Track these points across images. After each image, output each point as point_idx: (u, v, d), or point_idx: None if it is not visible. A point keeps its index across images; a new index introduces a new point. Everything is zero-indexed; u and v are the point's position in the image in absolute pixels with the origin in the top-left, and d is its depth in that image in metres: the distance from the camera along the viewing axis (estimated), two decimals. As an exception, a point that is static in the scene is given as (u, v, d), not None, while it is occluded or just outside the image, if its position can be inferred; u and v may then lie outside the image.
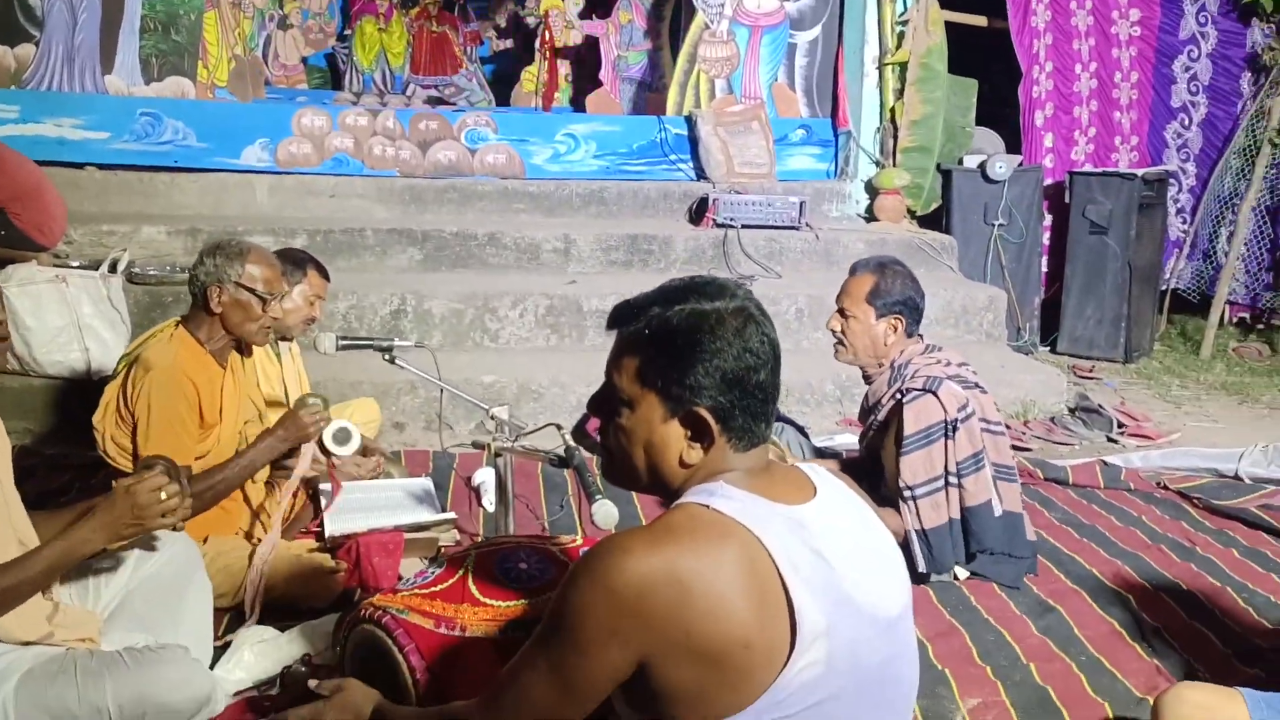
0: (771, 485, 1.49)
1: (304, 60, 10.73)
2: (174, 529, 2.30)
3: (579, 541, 2.23)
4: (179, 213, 5.91)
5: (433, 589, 1.97)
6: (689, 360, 1.46)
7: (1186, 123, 7.10)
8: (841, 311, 3.30)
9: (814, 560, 1.43)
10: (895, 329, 3.24)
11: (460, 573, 1.99)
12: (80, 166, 6.01)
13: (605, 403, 1.55)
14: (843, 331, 3.29)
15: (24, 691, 2.11)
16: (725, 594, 1.35)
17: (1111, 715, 2.46)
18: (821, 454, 3.90)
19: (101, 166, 6.06)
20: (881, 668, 1.49)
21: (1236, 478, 4.14)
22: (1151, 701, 2.27)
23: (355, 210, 6.17)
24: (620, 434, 1.53)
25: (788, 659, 1.37)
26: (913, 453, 3.11)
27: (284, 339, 3.64)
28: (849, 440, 4.43)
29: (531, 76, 9.72)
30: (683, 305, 1.49)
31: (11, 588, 2.05)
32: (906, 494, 3.12)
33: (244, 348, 3.13)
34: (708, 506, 1.42)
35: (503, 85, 10.60)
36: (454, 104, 9.96)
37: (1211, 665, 2.69)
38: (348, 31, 10.92)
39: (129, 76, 6.41)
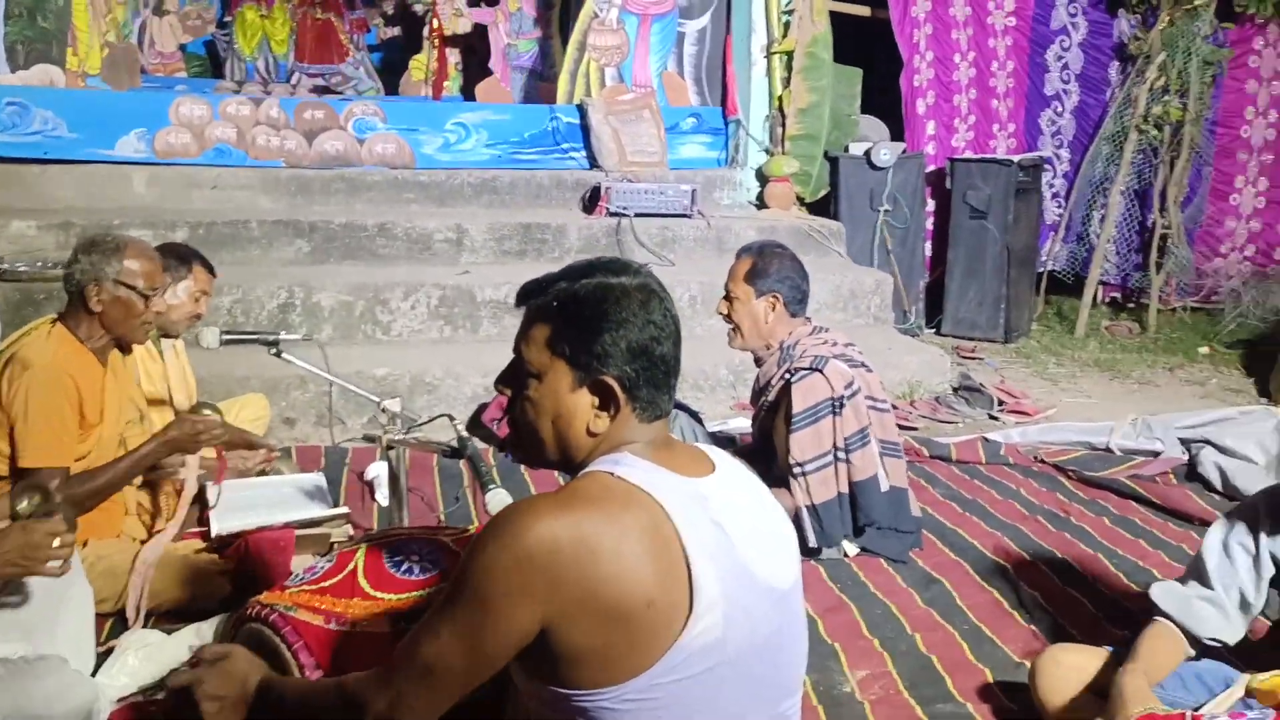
0: (673, 458, 1.54)
1: (182, 48, 10.38)
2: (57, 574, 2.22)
3: (473, 531, 2.23)
4: (50, 206, 5.67)
5: (322, 584, 1.94)
6: (596, 329, 1.51)
7: (1060, 110, 7.38)
8: (727, 294, 3.36)
9: (713, 530, 1.47)
10: (774, 307, 3.31)
11: (350, 567, 1.97)
12: (-59, 159, 5.73)
13: (514, 378, 1.59)
14: (729, 314, 3.36)
15: (-107, 707, 2.02)
16: (629, 555, 1.39)
17: (991, 679, 2.57)
18: (715, 439, 3.96)
19: (-36, 158, 5.79)
20: (773, 637, 1.55)
21: (1108, 450, 4.33)
22: (1029, 665, 2.38)
23: (239, 202, 6.00)
24: (529, 406, 1.56)
25: (685, 623, 1.41)
26: (802, 430, 3.19)
27: (168, 336, 3.54)
28: (743, 425, 4.50)
29: (420, 65, 9.60)
30: (589, 279, 1.55)
31: None
32: (797, 470, 3.20)
33: (124, 346, 3.02)
34: (613, 474, 1.47)
35: (391, 74, 10.43)
36: (341, 93, 9.76)
37: (1083, 628, 2.82)
38: (228, 18, 10.60)
39: (-8, 64, 6.13)
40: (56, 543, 2.00)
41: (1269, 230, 7.63)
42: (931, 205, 6.94)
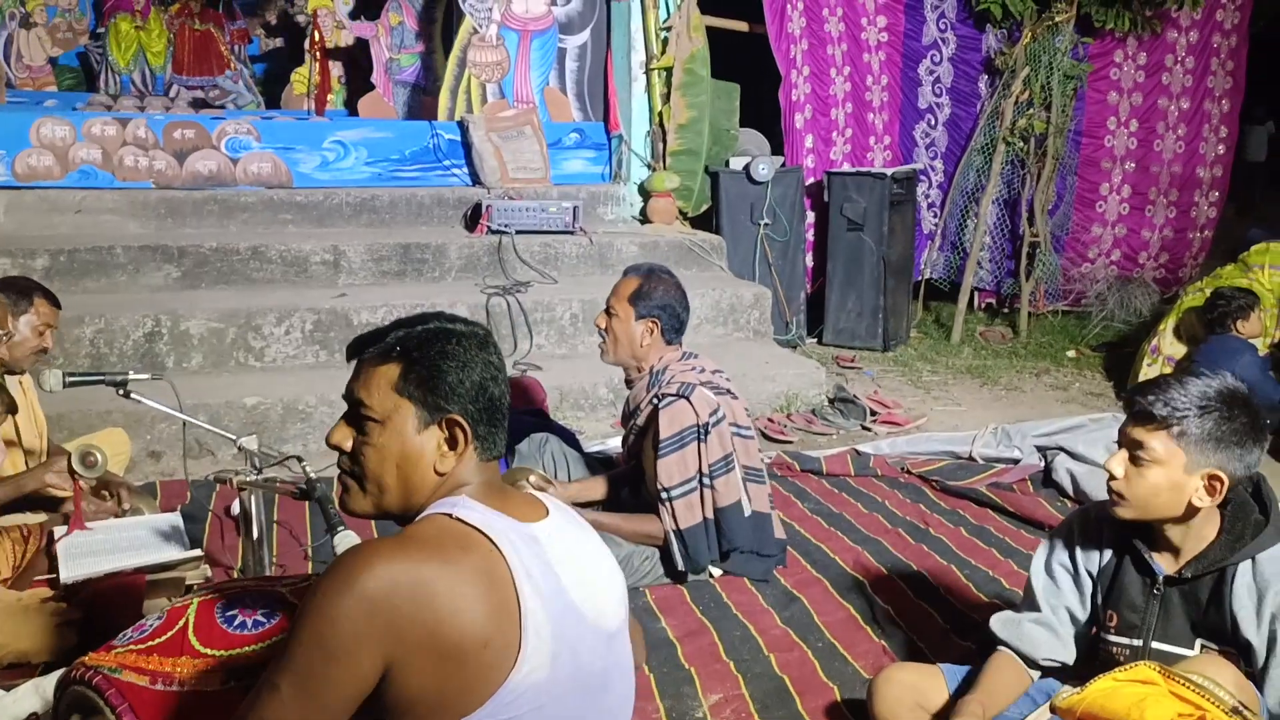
0: (507, 503, 1.58)
1: (52, 61, 10.04)
2: None
3: (312, 579, 2.21)
4: (-97, 234, 5.46)
5: (149, 643, 1.91)
6: (443, 369, 1.56)
7: (933, 123, 7.60)
8: (608, 309, 3.40)
9: (545, 572, 1.52)
10: (651, 331, 3.35)
11: (180, 624, 1.93)
12: None
13: (355, 422, 1.60)
14: (607, 329, 3.39)
15: None
16: (466, 596, 1.42)
17: (839, 698, 2.64)
18: (594, 460, 3.98)
19: None
20: (599, 676, 1.59)
21: (971, 459, 4.48)
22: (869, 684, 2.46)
23: (105, 226, 5.84)
24: (371, 453, 1.58)
25: (515, 662, 1.44)
26: (668, 455, 3.23)
27: (12, 373, 3.43)
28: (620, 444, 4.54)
29: (302, 78, 9.42)
30: (427, 324, 1.61)
31: None
32: (664, 496, 3.24)
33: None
34: (451, 515, 1.51)
35: (274, 86, 10.22)
36: (221, 106, 9.55)
37: (932, 642, 2.92)
38: (101, 29, 10.27)
39: None
40: None
41: (1133, 236, 7.98)
42: (811, 218, 7.08)
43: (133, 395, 3.11)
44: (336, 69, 9.42)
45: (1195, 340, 5.40)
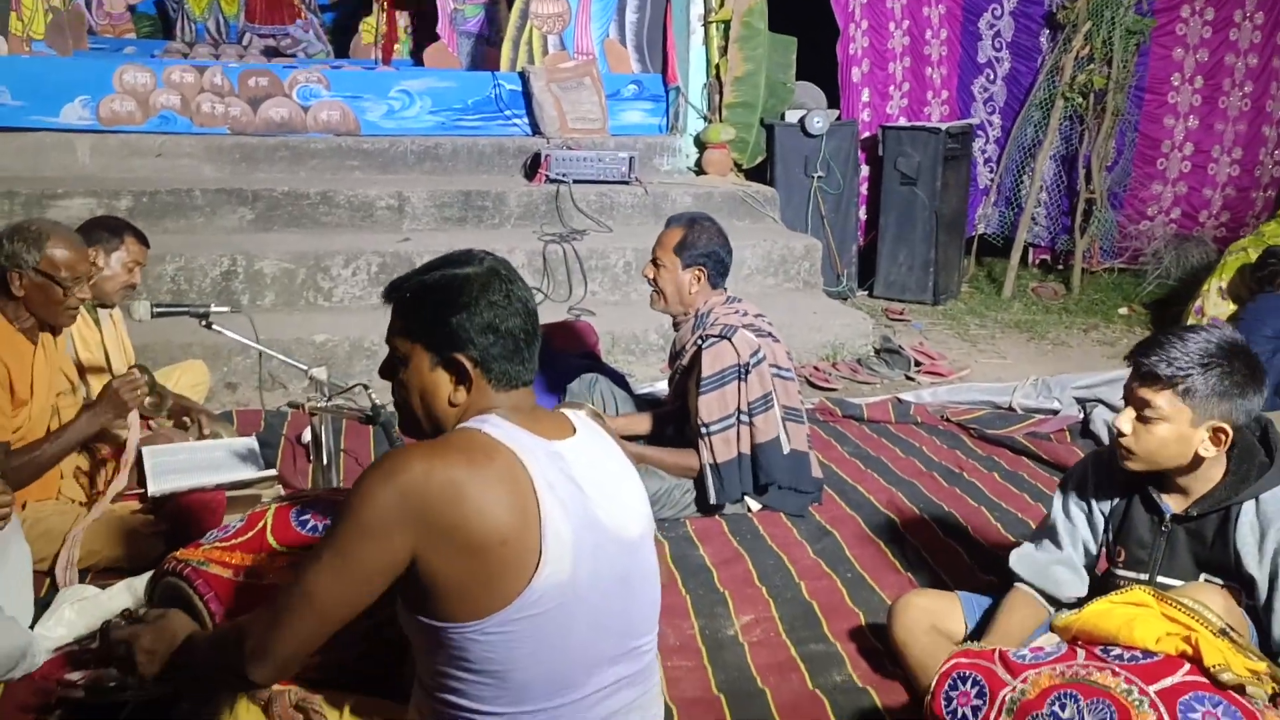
0: (536, 422, 1.76)
1: (131, 8, 10.35)
2: None
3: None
4: (-5, 175, 5.77)
5: (232, 541, 2.14)
6: (443, 314, 1.74)
7: (992, 77, 7.58)
8: (655, 261, 3.55)
9: (568, 485, 1.69)
10: (699, 279, 3.51)
11: (259, 525, 2.16)
12: (-116, 126, 5.79)
13: (390, 367, 1.83)
14: (655, 279, 3.55)
15: None
16: (489, 498, 1.61)
17: (864, 623, 2.81)
18: (643, 400, 4.17)
19: (-93, 127, 5.85)
20: (623, 581, 1.76)
21: (1010, 409, 4.59)
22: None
23: (183, 170, 6.11)
24: (402, 389, 1.81)
25: (537, 565, 1.63)
26: (709, 393, 3.40)
27: (104, 306, 3.69)
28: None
29: (370, 28, 9.61)
30: (436, 271, 1.79)
31: None
32: (703, 430, 3.42)
33: (50, 327, 3.12)
34: (481, 430, 1.69)
35: (342, 36, 10.43)
36: (291, 55, 9.77)
37: (957, 577, 3.07)
38: (177, -22, 10.54)
39: (-66, 31, 6.16)
40: None
41: (1194, 194, 7.90)
42: (865, 171, 7.14)
43: (214, 327, 3.34)
44: (403, 19, 9.58)
45: (1241, 299, 5.41)
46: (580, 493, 1.71)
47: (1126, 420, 2.24)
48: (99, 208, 5.31)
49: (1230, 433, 2.18)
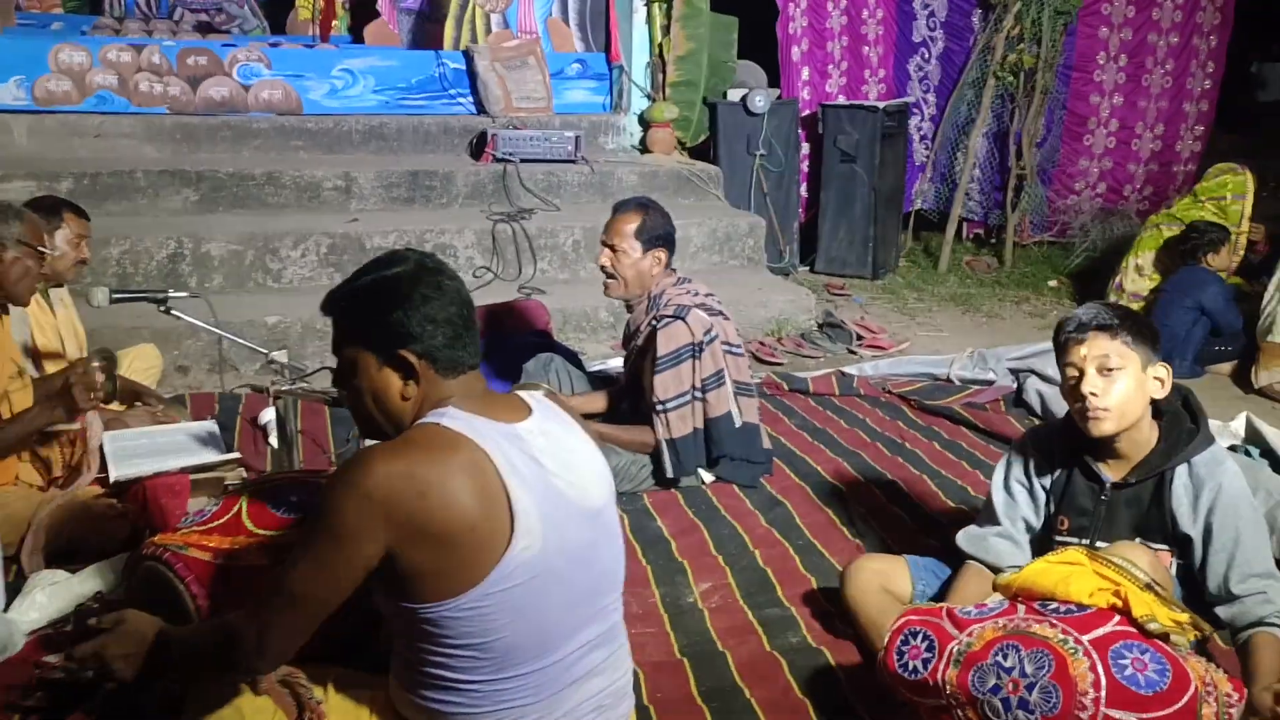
0: (491, 407, 1.84)
1: (58, -17, 10.07)
2: None
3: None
4: (-73, 157, 5.66)
5: (209, 525, 2.20)
6: (381, 314, 1.81)
7: (927, 56, 7.76)
8: (611, 247, 3.63)
9: (529, 463, 1.78)
10: (660, 261, 3.61)
11: (235, 509, 2.22)
12: None
13: (340, 377, 1.90)
14: (613, 266, 3.63)
15: None
16: (454, 489, 1.69)
17: (816, 587, 2.95)
18: (596, 378, 4.26)
19: None
20: (587, 549, 1.86)
21: (948, 380, 4.78)
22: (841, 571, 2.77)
23: (124, 151, 6.04)
24: (355, 395, 1.88)
25: (508, 542, 1.72)
26: (664, 371, 3.51)
27: (59, 285, 3.68)
28: (620, 364, 4.82)
29: (307, 4, 9.51)
30: (365, 276, 1.86)
31: None
32: (659, 408, 3.53)
33: (7, 306, 3.11)
34: (439, 424, 1.76)
35: (279, 12, 10.28)
36: (226, 31, 9.61)
37: (901, 540, 3.23)
38: (105, -49, 10.28)
39: None
40: None
41: (1119, 169, 8.18)
42: (806, 149, 7.28)
43: (173, 312, 3.37)
44: (339, -6, 9.47)
45: (1167, 272, 5.66)
46: (542, 470, 1.79)
47: (1093, 381, 2.34)
48: (39, 190, 5.22)
49: (1169, 374, 2.35)
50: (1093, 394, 2.34)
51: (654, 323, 3.58)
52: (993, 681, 1.96)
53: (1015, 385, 4.65)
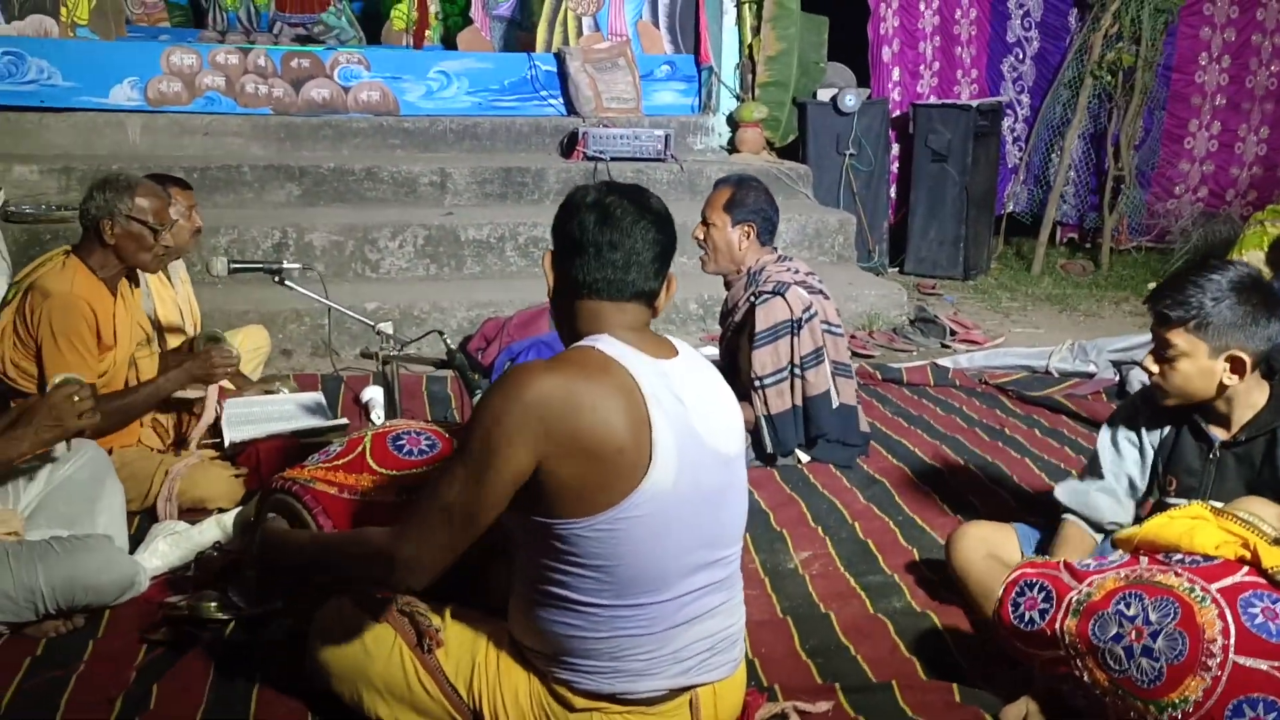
0: (643, 342, 1.88)
1: (164, -2, 10.48)
2: (86, 433, 2.55)
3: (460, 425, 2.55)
4: (49, 152, 5.92)
5: (335, 462, 2.27)
6: (556, 240, 1.91)
7: (1021, 56, 7.66)
8: (704, 220, 3.66)
9: (673, 400, 1.82)
10: (748, 235, 3.62)
11: (359, 449, 2.29)
12: (-59, 108, 5.95)
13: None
14: (705, 239, 3.66)
15: (-41, 575, 2.35)
16: (605, 408, 1.74)
17: (918, 558, 2.92)
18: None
19: (-38, 107, 6.01)
20: (717, 493, 1.89)
21: (1047, 372, 4.69)
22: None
23: (230, 148, 6.25)
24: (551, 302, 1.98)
25: (646, 471, 1.75)
26: (762, 347, 3.52)
27: (181, 255, 3.84)
28: (711, 353, 4.82)
29: (402, 14, 9.72)
30: (575, 194, 1.94)
31: None
32: (756, 384, 3.53)
33: (135, 275, 3.28)
34: (594, 348, 1.82)
35: (373, 23, 10.56)
36: (323, 42, 9.90)
37: (1005, 518, 3.15)
38: (210, -33, 10.67)
39: (-12, 15, 6.33)
40: (76, 398, 2.33)
41: (1221, 172, 7.96)
42: (896, 150, 7.24)
43: (286, 283, 3.47)
44: (433, 5, 9.70)
45: (1275, 268, 5.48)
46: (683, 408, 1.83)
47: (1151, 362, 2.39)
48: (153, 183, 5.44)
49: (1248, 359, 2.29)
50: (1148, 370, 2.40)
51: (753, 299, 3.58)
52: (1114, 630, 1.92)
53: (1117, 377, 4.55)
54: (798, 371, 3.52)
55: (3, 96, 6.06)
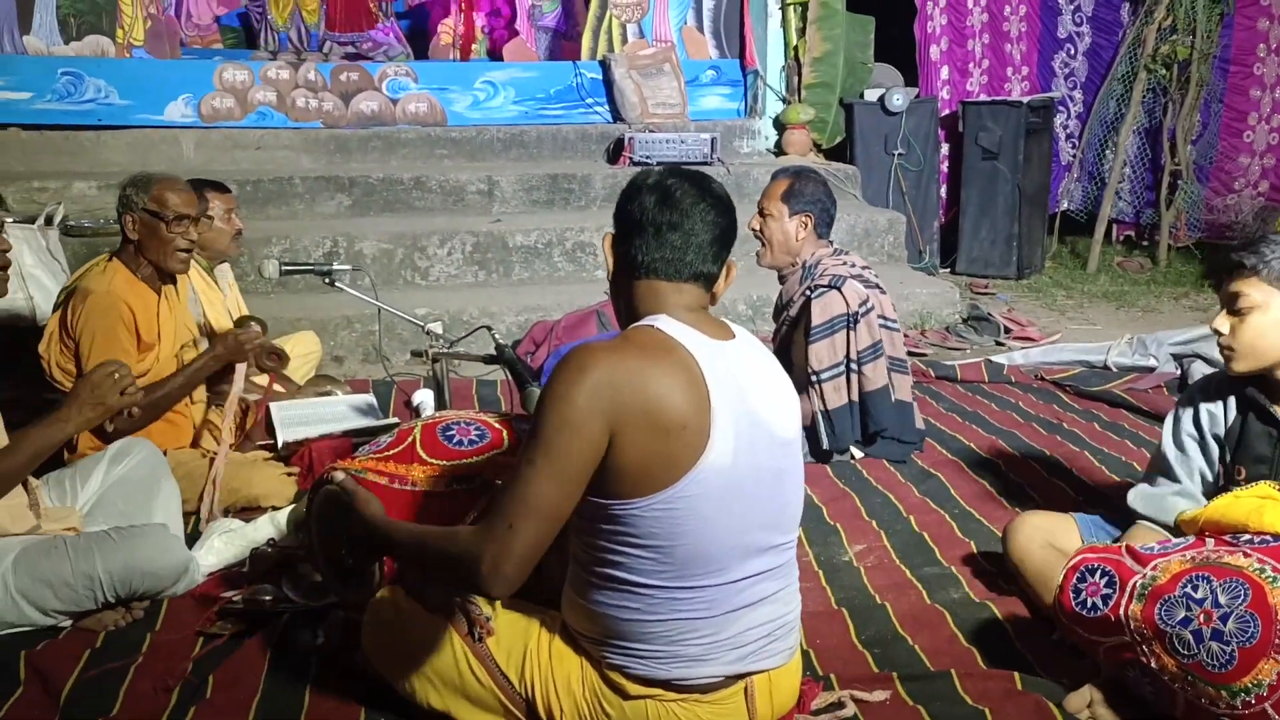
0: (701, 324, 1.87)
1: (217, 20, 10.70)
2: (130, 414, 2.56)
3: (510, 415, 2.55)
4: (107, 169, 6.03)
5: (386, 453, 2.27)
6: (616, 220, 1.92)
7: (1073, 52, 7.55)
8: (761, 211, 3.63)
9: (730, 380, 1.81)
10: (805, 226, 3.57)
11: (409, 440, 2.29)
12: (4, 128, 6.09)
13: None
14: (761, 230, 3.63)
15: (21, 565, 2.39)
16: (671, 384, 1.74)
17: (975, 551, 2.86)
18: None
19: (25, 126, 6.15)
20: (775, 476, 1.87)
21: (1105, 367, 4.59)
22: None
23: (282, 161, 6.34)
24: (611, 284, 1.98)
25: (704, 449, 1.74)
26: (819, 341, 3.48)
27: (225, 260, 3.89)
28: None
29: (448, 29, 9.84)
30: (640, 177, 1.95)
31: (2, 470, 2.32)
32: (813, 379, 3.49)
33: (165, 274, 3.22)
34: (654, 327, 1.82)
35: (420, 39, 10.69)
36: (372, 59, 10.04)
37: (1062, 509, 3.08)
38: (260, -11, 10.88)
39: (48, 36, 6.49)
40: (116, 375, 2.34)
41: (1282, 165, 7.77)
42: (945, 149, 7.16)
43: (337, 284, 3.51)
44: (479, 20, 9.80)
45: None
46: (741, 390, 1.81)
47: (1222, 320, 2.30)
48: (208, 195, 5.54)
49: None
50: (1217, 331, 2.29)
51: (808, 292, 3.54)
52: (1182, 614, 1.86)
53: (1179, 371, 4.44)
54: (854, 366, 3.48)
55: (62, 115, 6.22)
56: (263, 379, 3.73)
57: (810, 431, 3.53)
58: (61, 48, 6.51)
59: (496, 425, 2.37)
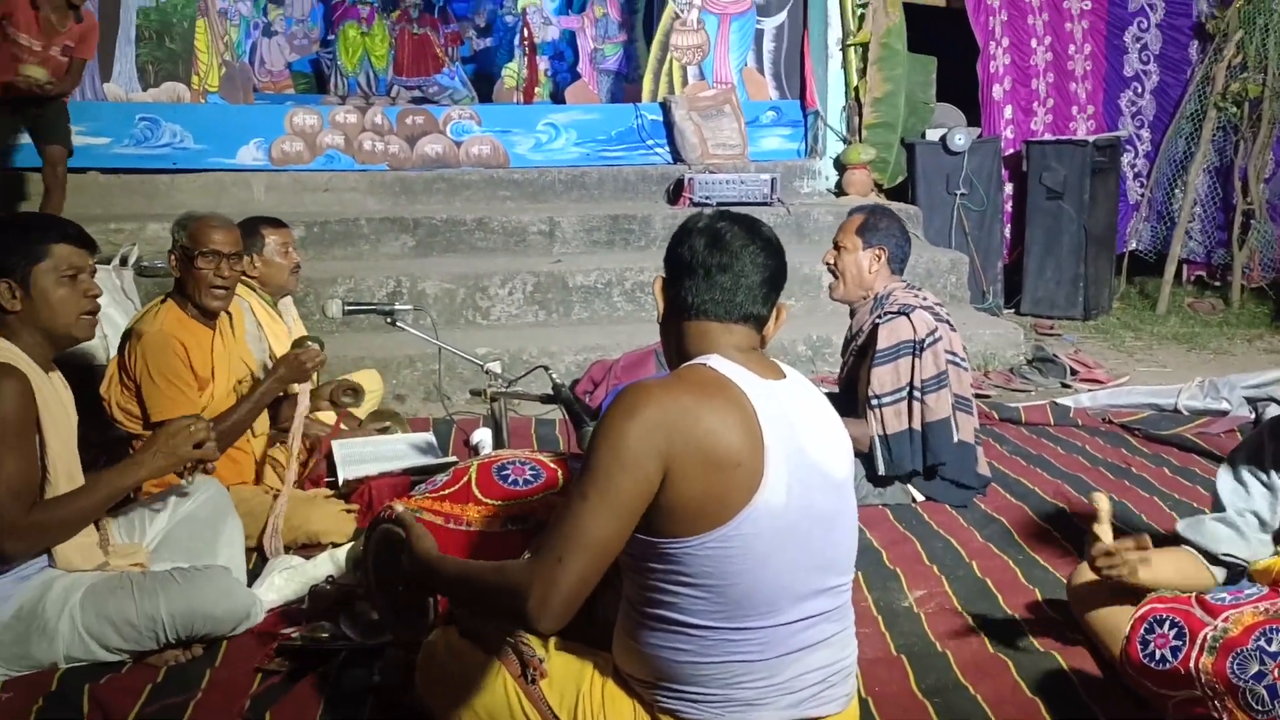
0: (752, 363, 1.86)
1: (289, 66, 11.04)
2: (205, 469, 2.64)
3: (564, 453, 2.55)
4: (180, 211, 6.08)
5: (442, 493, 2.29)
6: (666, 263, 1.92)
7: (1139, 90, 7.45)
8: (836, 244, 3.64)
9: (783, 419, 1.80)
10: (879, 258, 3.57)
11: (464, 480, 2.31)
12: (84, 171, 6.30)
13: None
14: (835, 263, 3.63)
15: (88, 603, 2.44)
16: (724, 422, 1.73)
17: (1041, 598, 2.79)
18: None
19: (104, 170, 6.37)
20: (829, 517, 1.85)
21: (1176, 411, 4.47)
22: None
23: (349, 202, 6.48)
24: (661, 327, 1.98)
25: (758, 488, 1.73)
26: (882, 365, 3.46)
27: (286, 294, 3.96)
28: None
29: (512, 73, 10.04)
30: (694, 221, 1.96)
31: (76, 510, 2.39)
32: (874, 402, 3.46)
33: (206, 310, 3.22)
34: (706, 365, 1.82)
35: (484, 83, 10.91)
36: (438, 102, 10.26)
37: (1133, 558, 3.01)
38: (331, 36, 11.22)
39: (127, 84, 6.74)
40: (191, 428, 2.40)
41: (1360, 204, 7.56)
42: (1009, 189, 7.08)
43: (399, 324, 3.56)
44: (543, 63, 9.98)
45: None
46: (793, 430, 1.80)
47: None
48: (276, 236, 5.67)
49: None
50: None
51: (877, 320, 3.53)
52: (1256, 668, 1.80)
53: (1253, 415, 4.31)
54: (917, 394, 3.44)
55: (139, 160, 6.43)
56: (330, 416, 3.80)
57: (867, 456, 3.49)
58: (140, 94, 6.75)
59: (551, 464, 2.37)
